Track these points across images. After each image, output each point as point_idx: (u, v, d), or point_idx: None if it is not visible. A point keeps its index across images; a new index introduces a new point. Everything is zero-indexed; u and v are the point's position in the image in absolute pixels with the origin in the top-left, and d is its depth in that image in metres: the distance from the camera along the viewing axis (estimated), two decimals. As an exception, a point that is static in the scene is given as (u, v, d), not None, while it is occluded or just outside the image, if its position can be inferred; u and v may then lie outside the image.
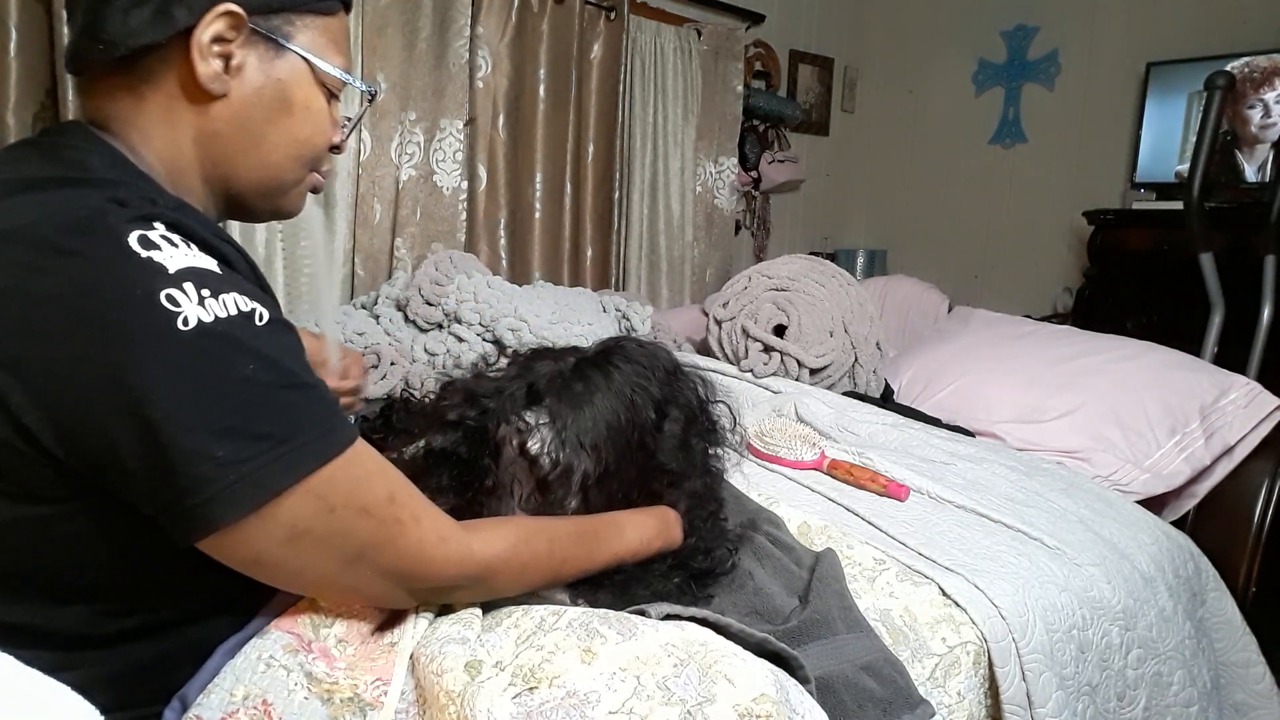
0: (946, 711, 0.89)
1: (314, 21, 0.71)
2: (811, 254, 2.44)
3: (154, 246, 0.55)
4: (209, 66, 0.65)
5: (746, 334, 1.83)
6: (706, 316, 1.97)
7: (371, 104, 0.89)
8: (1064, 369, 1.71)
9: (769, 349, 1.79)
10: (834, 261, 2.16)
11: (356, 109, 0.87)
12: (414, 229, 2.14)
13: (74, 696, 0.47)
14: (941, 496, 1.23)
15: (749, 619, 0.84)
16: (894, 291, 2.56)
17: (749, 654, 0.65)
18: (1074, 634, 1.02)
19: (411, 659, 0.65)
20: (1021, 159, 3.19)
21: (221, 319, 0.55)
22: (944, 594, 0.97)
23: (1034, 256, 3.16)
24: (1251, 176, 2.42)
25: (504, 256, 2.37)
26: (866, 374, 1.80)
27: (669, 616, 0.70)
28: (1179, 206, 2.31)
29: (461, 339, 1.74)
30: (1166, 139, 2.67)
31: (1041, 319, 2.64)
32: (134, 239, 0.54)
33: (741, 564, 0.91)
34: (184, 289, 0.54)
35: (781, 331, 1.82)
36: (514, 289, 1.87)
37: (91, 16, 0.63)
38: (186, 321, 0.53)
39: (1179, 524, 1.48)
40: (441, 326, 1.79)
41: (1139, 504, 1.41)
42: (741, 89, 2.94)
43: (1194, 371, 1.68)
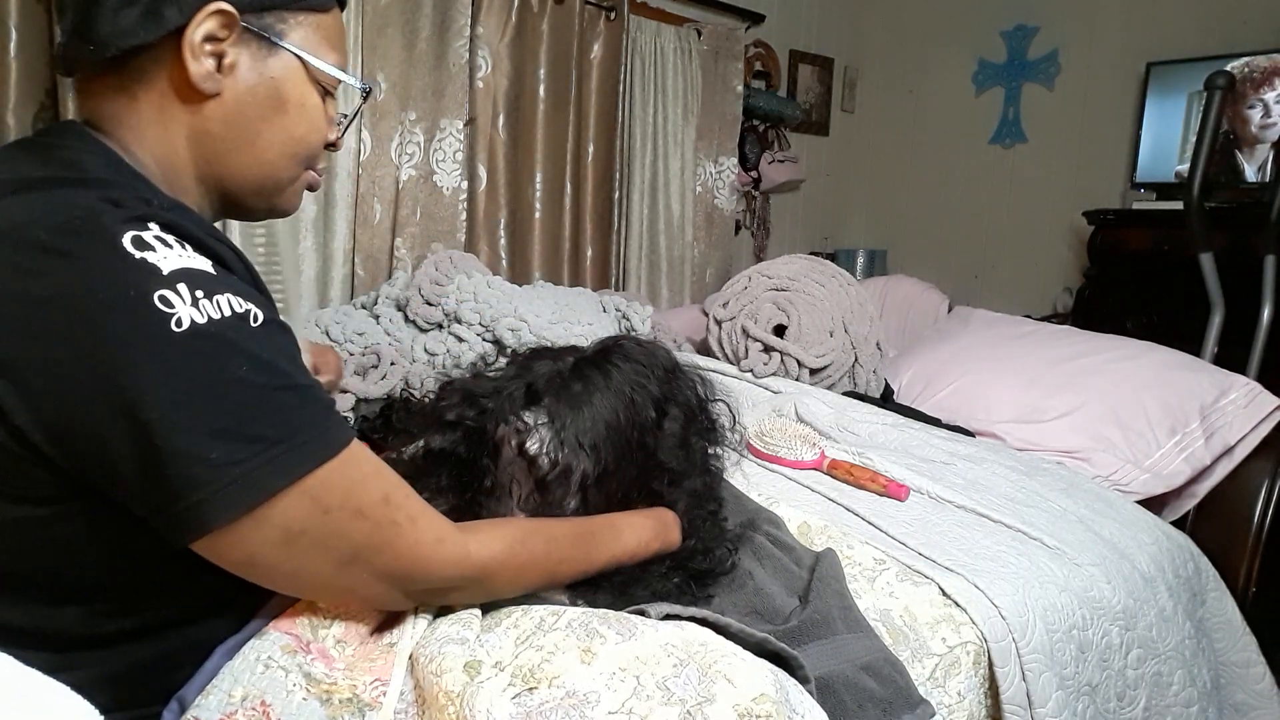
0: (946, 711, 0.89)
1: (307, 19, 0.70)
2: (811, 254, 2.44)
3: (148, 248, 0.54)
4: (201, 66, 0.64)
5: (746, 334, 1.82)
6: (706, 316, 1.97)
7: (366, 101, 0.89)
8: (1064, 369, 1.71)
9: (769, 349, 1.79)
10: (834, 261, 2.16)
11: (353, 105, 0.87)
12: (414, 229, 2.13)
13: (74, 697, 0.47)
14: (941, 496, 1.23)
15: (749, 619, 0.84)
16: (894, 291, 2.56)
17: (749, 654, 0.65)
18: (1074, 634, 1.01)
19: (410, 659, 0.65)
20: (1021, 159, 3.19)
21: (215, 320, 0.54)
22: (944, 594, 0.97)
23: (1034, 256, 3.16)
24: (1251, 176, 2.42)
25: (504, 256, 2.37)
26: (866, 374, 1.80)
27: (669, 616, 0.70)
28: (1179, 206, 2.31)
29: (461, 339, 1.74)
30: (1166, 139, 2.66)
31: (1041, 319, 2.64)
32: (128, 240, 0.54)
33: (741, 564, 0.91)
34: (178, 290, 0.54)
35: (781, 331, 1.81)
36: (514, 289, 1.87)
37: (81, 17, 0.63)
38: (180, 323, 0.53)
39: (1179, 524, 1.48)
40: (441, 326, 1.79)
41: (1139, 504, 1.41)
42: (741, 89, 2.94)
43: (1194, 371, 1.68)
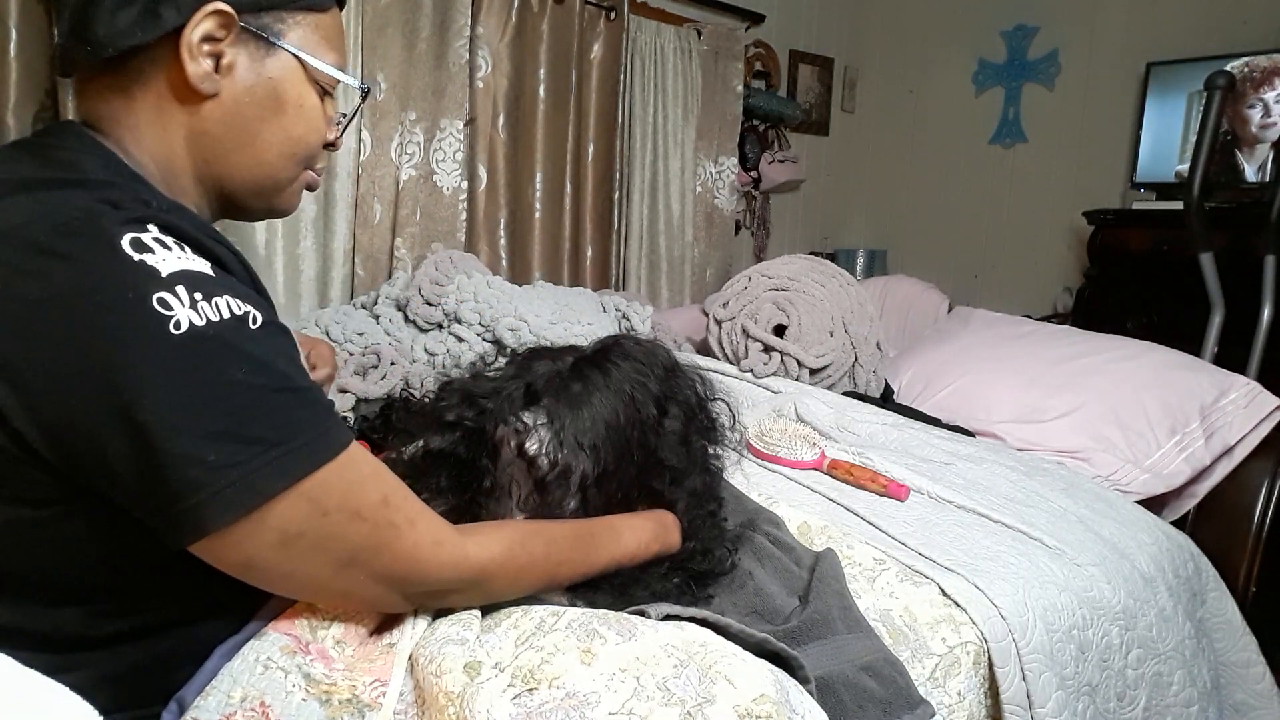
0: (946, 711, 0.89)
1: (306, 18, 0.70)
2: (811, 254, 2.44)
3: (146, 249, 0.54)
4: (199, 66, 0.64)
5: (746, 334, 1.82)
6: (706, 316, 1.97)
7: (365, 101, 0.89)
8: (1064, 369, 1.71)
9: (769, 349, 1.79)
10: (834, 261, 2.16)
11: (353, 105, 0.87)
12: (414, 229, 2.13)
13: (73, 697, 0.47)
14: (941, 496, 1.23)
15: (749, 619, 0.83)
16: (894, 291, 2.56)
17: (749, 654, 0.65)
18: (1074, 634, 1.01)
19: (410, 660, 0.65)
20: (1021, 159, 3.19)
21: (214, 322, 0.54)
22: (944, 594, 0.97)
23: (1034, 256, 3.16)
24: (1251, 176, 2.42)
25: (504, 256, 2.37)
26: (866, 374, 1.80)
27: (669, 617, 0.70)
28: (1179, 206, 2.31)
29: (461, 339, 1.74)
30: (1166, 139, 2.66)
31: (1041, 319, 2.64)
32: (126, 242, 0.54)
33: (741, 564, 0.91)
34: (176, 292, 0.54)
35: (781, 331, 1.81)
36: (514, 289, 1.87)
37: (79, 18, 0.63)
38: (178, 325, 0.53)
39: (1179, 524, 1.48)
40: (441, 326, 1.79)
41: (1139, 504, 1.41)
42: (741, 89, 2.93)
43: (1194, 371, 1.68)
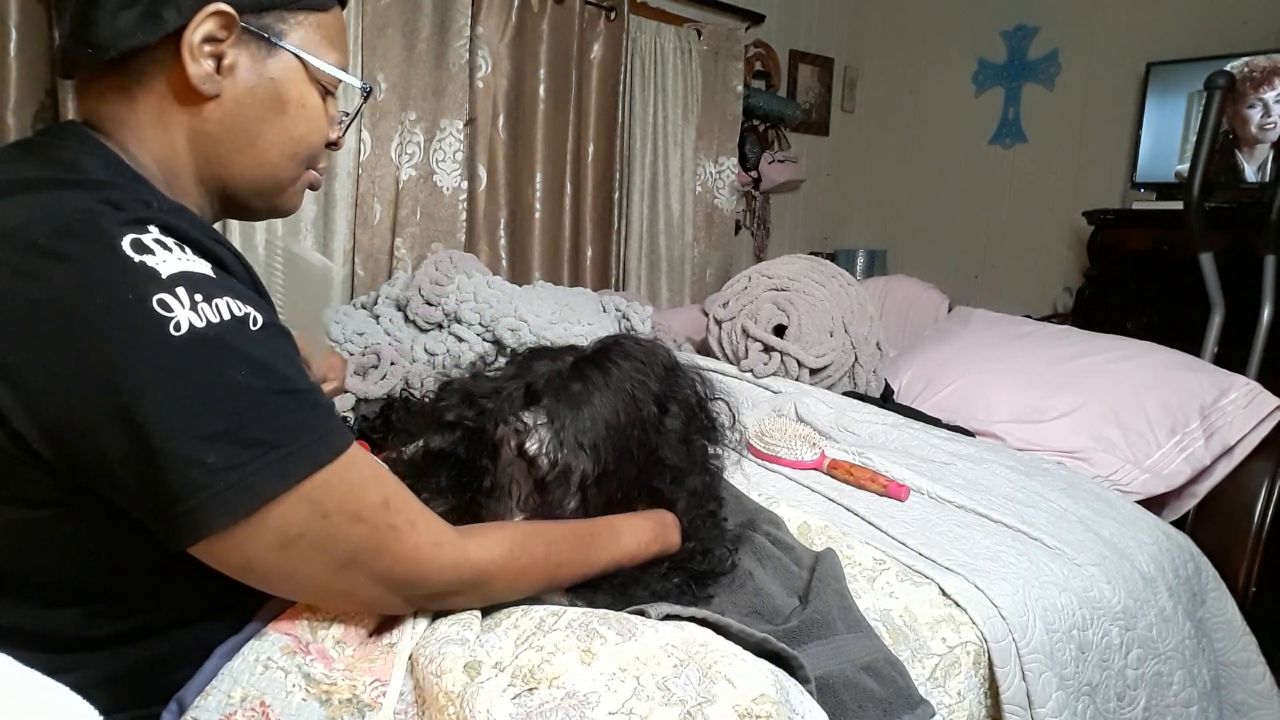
0: (946, 711, 0.89)
1: (307, 18, 0.70)
2: (811, 254, 2.44)
3: (147, 250, 0.54)
4: (200, 67, 0.64)
5: (746, 334, 1.82)
6: (706, 316, 1.97)
7: (367, 100, 0.88)
8: (1064, 369, 1.71)
9: (769, 349, 1.79)
10: (834, 261, 2.16)
11: (355, 103, 0.87)
12: (414, 229, 2.13)
13: (73, 697, 0.47)
14: (941, 496, 1.23)
15: (749, 619, 0.83)
16: (894, 291, 2.56)
17: (749, 654, 0.65)
18: (1074, 634, 1.01)
19: (410, 660, 0.65)
20: (1021, 159, 3.19)
21: (214, 324, 0.54)
22: (944, 594, 0.97)
23: (1034, 256, 3.16)
24: (1251, 176, 2.42)
25: (504, 256, 2.37)
26: (866, 374, 1.80)
27: (669, 617, 0.70)
28: (1179, 206, 2.31)
29: (461, 339, 1.74)
30: (1166, 139, 2.66)
31: (1041, 319, 2.64)
32: (127, 243, 0.54)
33: (741, 564, 0.91)
34: (176, 294, 0.53)
35: (781, 331, 1.81)
36: (514, 289, 1.87)
37: (80, 19, 0.63)
38: (178, 326, 0.53)
39: (1179, 524, 1.48)
40: (441, 326, 1.79)
41: (1139, 504, 1.41)
42: (741, 89, 2.94)
43: (1194, 371, 1.68)
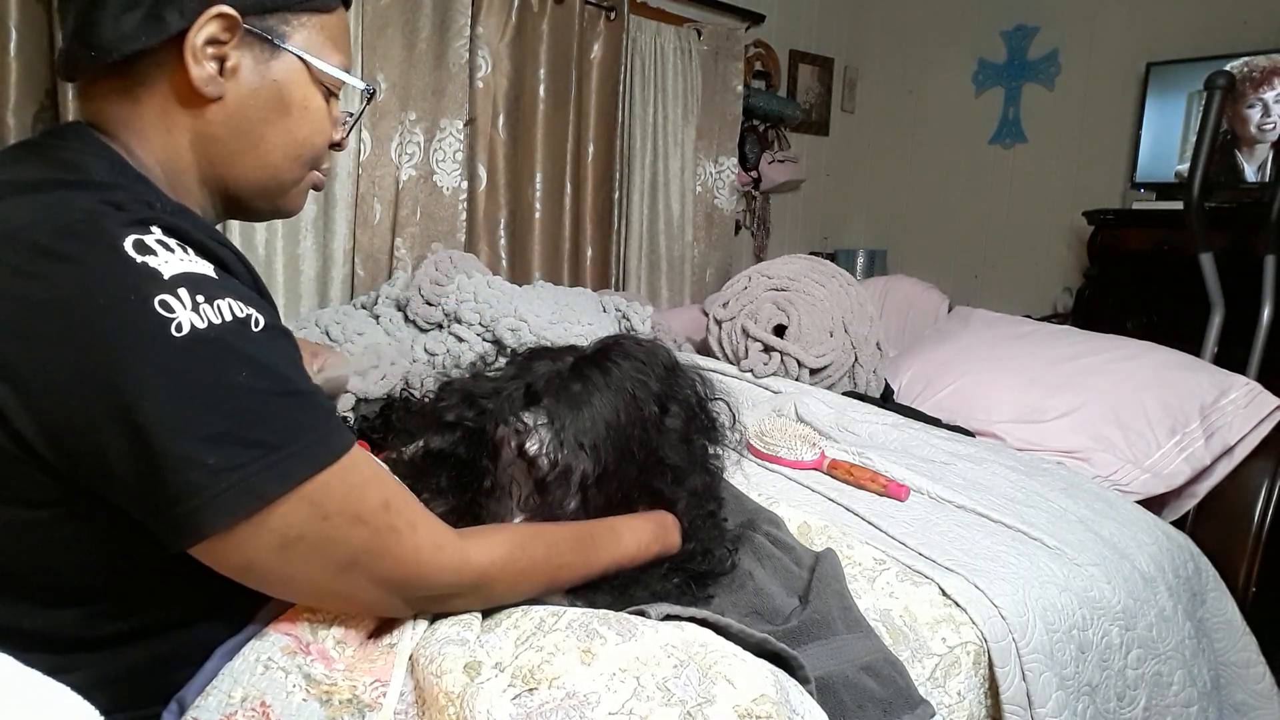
0: (946, 711, 0.89)
1: (311, 20, 0.70)
2: (811, 254, 2.44)
3: (149, 251, 0.54)
4: (203, 70, 0.64)
5: (746, 334, 1.82)
6: (706, 316, 1.97)
7: (370, 102, 0.88)
8: (1064, 369, 1.71)
9: (769, 349, 1.79)
10: (834, 261, 2.16)
11: (357, 104, 0.87)
12: (414, 229, 2.13)
13: (74, 697, 0.47)
14: (941, 496, 1.23)
15: (749, 619, 0.84)
16: (894, 291, 2.56)
17: (749, 654, 0.65)
18: (1074, 634, 1.02)
19: (410, 660, 0.65)
20: (1021, 159, 3.19)
21: (215, 325, 0.54)
22: (944, 594, 0.97)
23: (1034, 256, 3.16)
24: (1251, 176, 2.42)
25: (504, 256, 2.37)
26: (866, 374, 1.80)
27: (669, 617, 0.70)
28: (1179, 206, 2.31)
29: (461, 339, 1.74)
30: (1166, 139, 2.66)
31: (1041, 319, 2.64)
32: (129, 244, 0.54)
33: (741, 564, 0.91)
34: (178, 295, 0.53)
35: (781, 331, 1.81)
36: (514, 289, 1.87)
37: (83, 21, 0.63)
38: (180, 328, 0.53)
39: (1179, 524, 1.48)
40: (441, 326, 1.79)
41: (1139, 504, 1.41)
42: (741, 89, 2.93)
43: (1194, 371, 1.68)
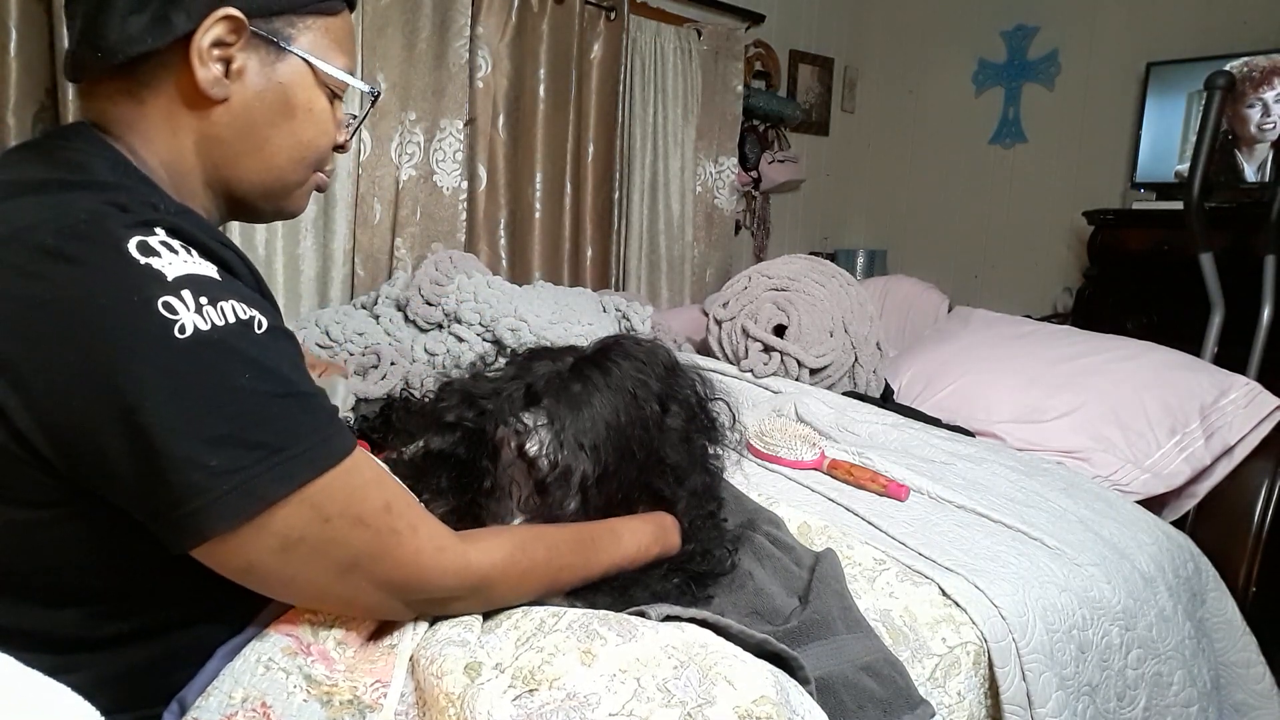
0: (946, 711, 0.89)
1: (316, 22, 0.70)
2: (811, 254, 2.44)
3: (153, 253, 0.54)
4: (209, 72, 0.64)
5: (746, 334, 1.82)
6: (706, 316, 1.97)
7: (375, 104, 0.88)
8: (1064, 369, 1.71)
9: (769, 349, 1.79)
10: (834, 261, 2.16)
11: (359, 106, 0.87)
12: (414, 229, 2.13)
13: (74, 698, 0.47)
14: (941, 496, 1.23)
15: (749, 619, 0.84)
16: (894, 291, 2.56)
17: (749, 655, 0.65)
18: (1074, 634, 1.02)
19: (411, 661, 0.65)
20: (1021, 159, 3.19)
21: (219, 327, 0.54)
22: (944, 594, 0.97)
23: (1034, 256, 3.16)
24: (1251, 176, 2.42)
25: (504, 256, 2.37)
26: (866, 374, 1.80)
27: (669, 618, 0.70)
28: (1179, 206, 2.31)
29: (461, 339, 1.74)
30: (1166, 139, 2.66)
31: (1041, 319, 2.64)
32: (133, 245, 0.54)
33: (741, 564, 0.91)
34: (182, 296, 0.54)
35: (781, 331, 1.81)
36: (514, 289, 1.87)
37: (90, 24, 0.63)
38: (183, 329, 0.53)
39: (1179, 524, 1.48)
40: (441, 326, 1.79)
41: (1139, 504, 1.41)
42: (741, 89, 2.93)
43: (1194, 371, 1.68)
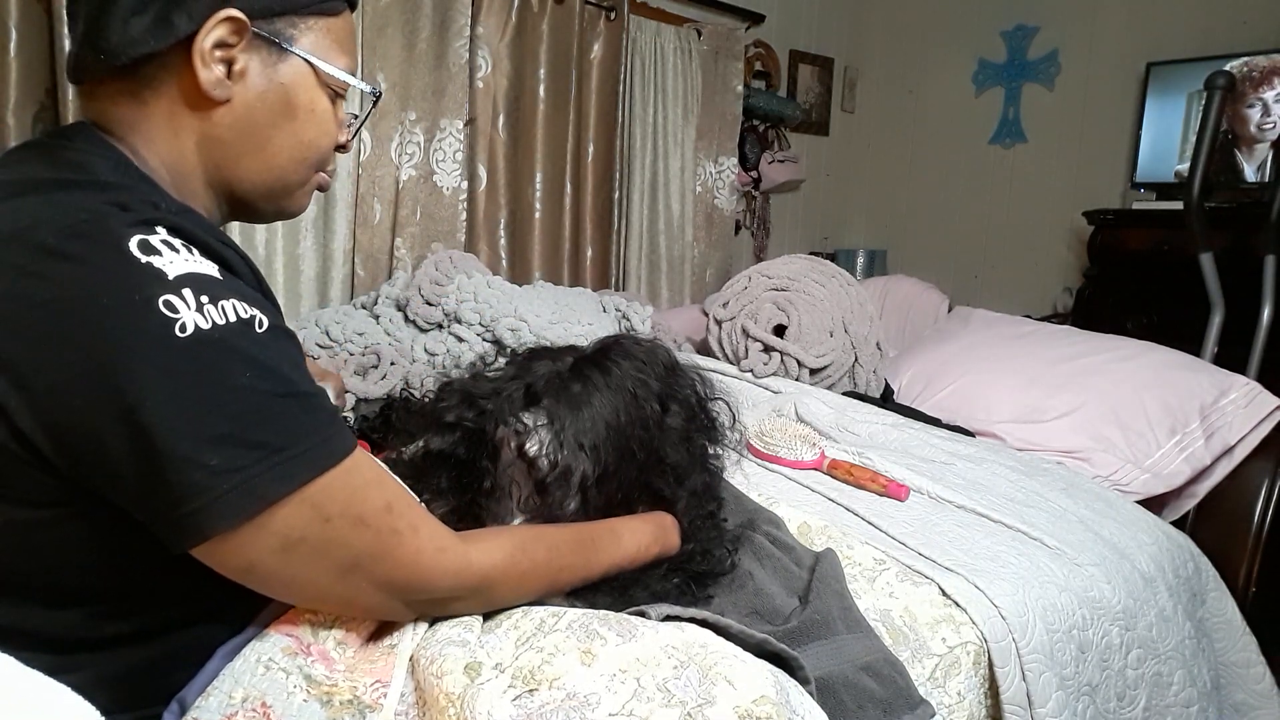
0: (946, 711, 0.89)
1: (318, 23, 0.70)
2: (811, 254, 2.44)
3: (154, 252, 0.54)
4: (211, 73, 0.64)
5: (746, 334, 1.82)
6: (706, 316, 1.97)
7: (376, 105, 0.88)
8: (1064, 369, 1.71)
9: (769, 349, 1.79)
10: (834, 261, 2.16)
11: (360, 105, 0.87)
12: (414, 229, 2.13)
13: (74, 697, 0.47)
14: (941, 496, 1.23)
15: (749, 619, 0.84)
16: (894, 291, 2.56)
17: (749, 655, 0.65)
18: (1074, 634, 1.02)
19: (411, 661, 0.65)
20: (1021, 159, 3.19)
21: (220, 326, 0.54)
22: (944, 594, 0.97)
23: (1034, 256, 3.16)
24: (1251, 176, 2.42)
25: (504, 256, 2.37)
26: (866, 374, 1.80)
27: (669, 618, 0.70)
28: (1179, 206, 2.31)
29: (461, 339, 1.74)
30: (1166, 139, 2.67)
31: (1041, 319, 2.64)
32: (134, 244, 0.54)
33: (741, 564, 0.91)
34: (183, 295, 0.54)
35: (781, 331, 1.81)
36: (514, 289, 1.87)
37: (92, 25, 0.63)
38: (184, 328, 0.53)
39: (1179, 524, 1.48)
40: (441, 326, 1.79)
41: (1139, 504, 1.41)
42: (741, 89, 2.93)
43: (1194, 371, 1.68)
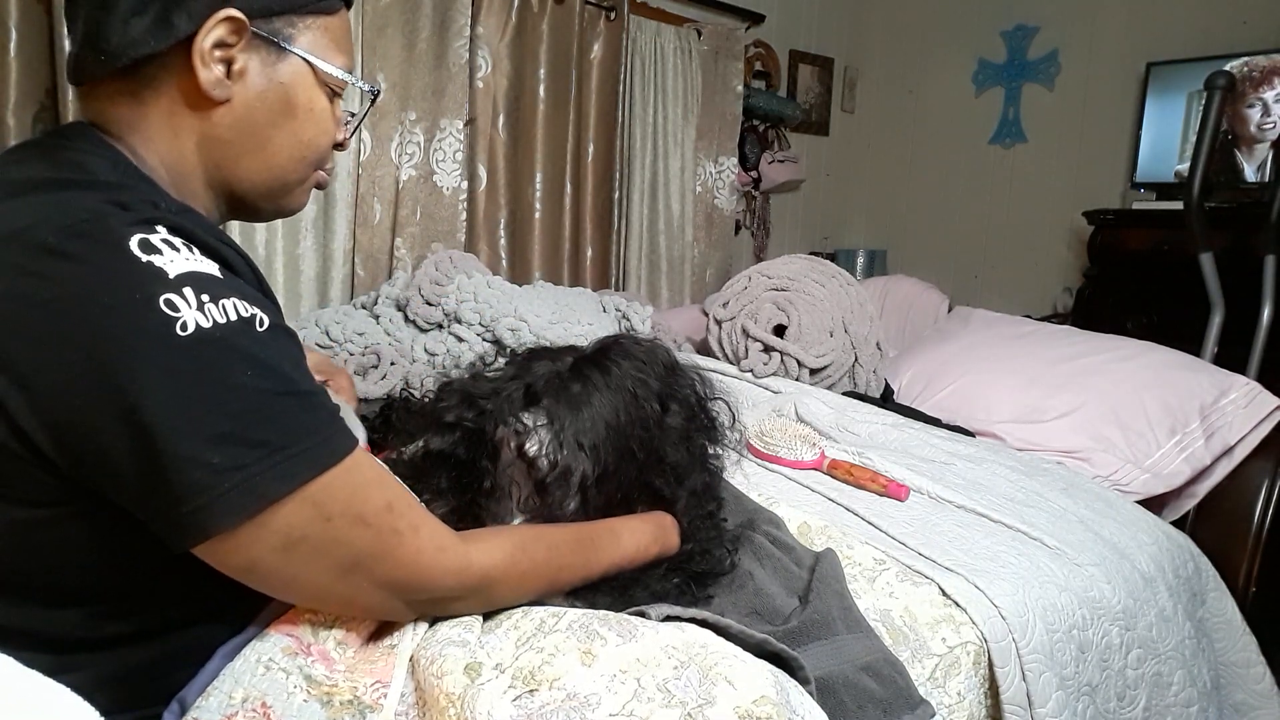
0: (946, 711, 0.89)
1: (316, 22, 0.70)
2: (811, 254, 2.44)
3: (155, 251, 0.54)
4: (211, 73, 0.64)
5: (746, 334, 1.82)
6: (706, 316, 1.97)
7: (375, 103, 0.89)
8: (1064, 369, 1.71)
9: (769, 349, 1.79)
10: (834, 261, 2.16)
11: (359, 104, 0.87)
12: (414, 229, 2.13)
13: (74, 698, 0.47)
14: (941, 496, 1.23)
15: (749, 619, 0.84)
16: (894, 291, 2.56)
17: (749, 655, 0.65)
18: (1074, 634, 1.02)
19: (411, 661, 0.65)
20: (1021, 159, 3.19)
21: (221, 324, 0.54)
22: (944, 594, 0.97)
23: (1034, 256, 3.16)
24: (1251, 176, 2.42)
25: (504, 256, 2.37)
26: (866, 374, 1.80)
27: (669, 618, 0.70)
28: (1179, 206, 2.31)
29: (461, 339, 1.74)
30: (1166, 139, 2.67)
31: (1041, 319, 2.64)
32: (134, 243, 0.54)
33: (741, 564, 0.91)
34: (183, 294, 0.54)
35: (781, 331, 1.81)
36: (514, 289, 1.87)
37: (92, 26, 0.63)
38: (185, 327, 0.53)
39: (1179, 524, 1.48)
40: (441, 326, 1.79)
41: (1139, 504, 1.41)
42: (741, 89, 2.93)
43: (1194, 371, 1.68)
